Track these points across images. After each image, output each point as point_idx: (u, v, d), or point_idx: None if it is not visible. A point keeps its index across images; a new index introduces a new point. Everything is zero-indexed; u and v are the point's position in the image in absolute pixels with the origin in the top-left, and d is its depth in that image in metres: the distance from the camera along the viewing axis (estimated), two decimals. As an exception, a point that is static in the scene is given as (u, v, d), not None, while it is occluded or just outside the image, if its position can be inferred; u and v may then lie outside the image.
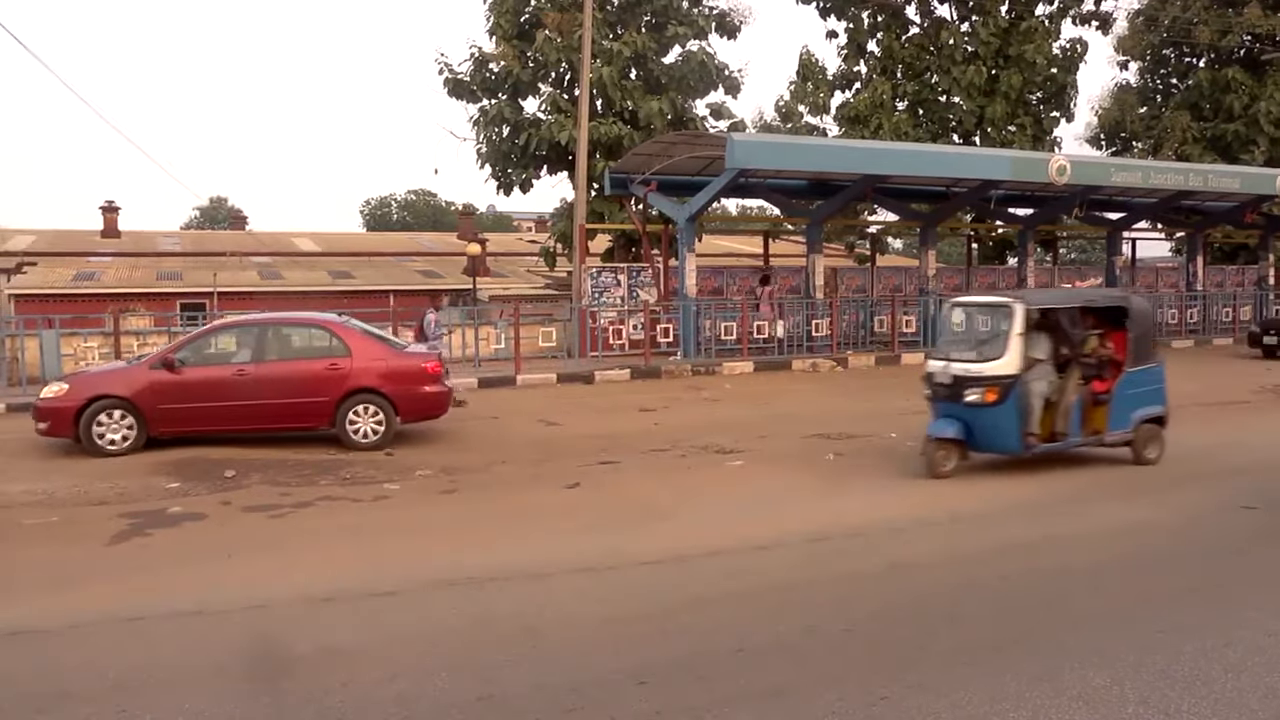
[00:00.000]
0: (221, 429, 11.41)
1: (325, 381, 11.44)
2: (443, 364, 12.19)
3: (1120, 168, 23.23)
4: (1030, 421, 9.36)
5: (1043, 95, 30.08)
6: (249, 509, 8.61)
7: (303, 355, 11.82)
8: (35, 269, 32.75)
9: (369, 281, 35.78)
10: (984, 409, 9.20)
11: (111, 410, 11.00)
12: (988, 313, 9.80)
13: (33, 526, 8.08)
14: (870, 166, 20.54)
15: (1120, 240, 28.05)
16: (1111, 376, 9.84)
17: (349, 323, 12.33)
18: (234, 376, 11.32)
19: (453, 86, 25.57)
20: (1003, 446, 9.53)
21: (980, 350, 9.43)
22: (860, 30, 29.84)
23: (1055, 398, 9.62)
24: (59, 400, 11.08)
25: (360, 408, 11.49)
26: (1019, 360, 9.15)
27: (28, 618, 5.73)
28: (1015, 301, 9.41)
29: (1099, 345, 9.85)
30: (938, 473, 9.36)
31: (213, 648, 5.26)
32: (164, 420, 11.17)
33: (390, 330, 18.47)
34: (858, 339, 22.84)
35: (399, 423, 11.76)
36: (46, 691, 4.68)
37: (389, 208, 77.18)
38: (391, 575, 6.50)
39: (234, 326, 12.27)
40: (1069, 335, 9.73)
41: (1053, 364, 9.69)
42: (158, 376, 11.18)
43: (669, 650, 5.10)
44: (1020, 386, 9.21)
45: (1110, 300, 10.68)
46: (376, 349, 11.96)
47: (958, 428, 9.40)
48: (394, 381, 11.64)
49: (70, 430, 10.99)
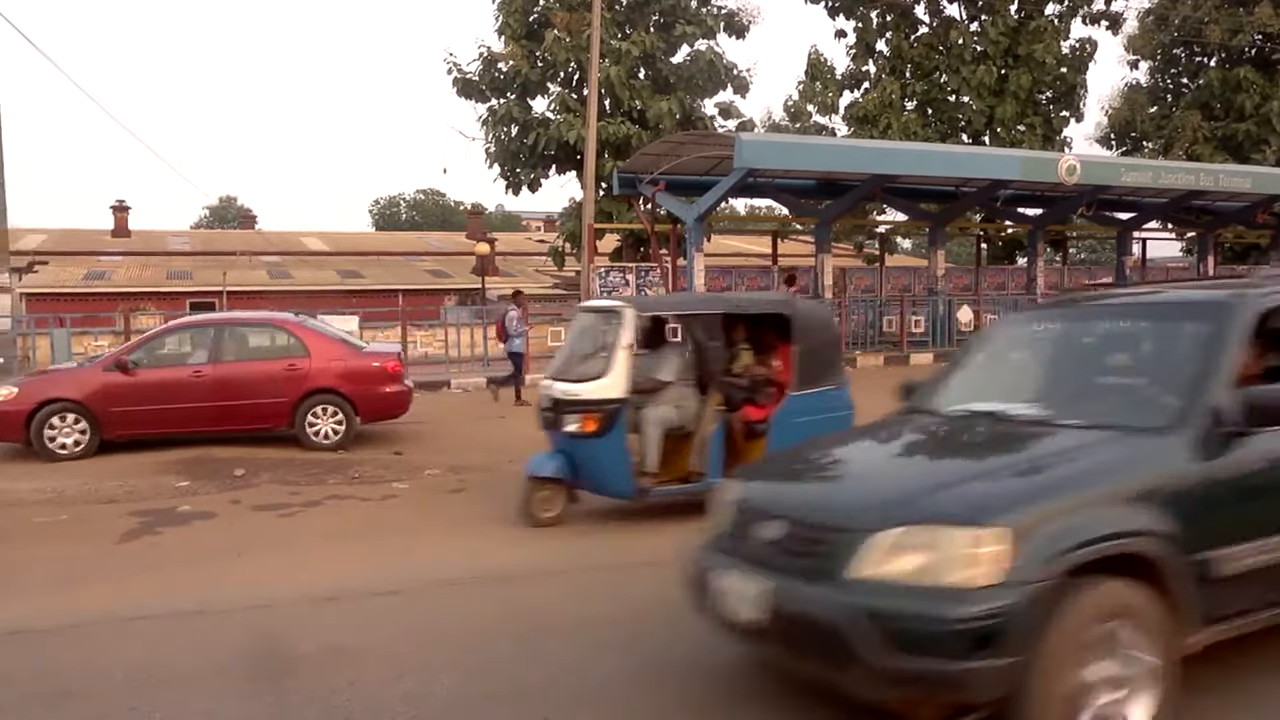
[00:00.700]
0: (177, 431, 11.18)
1: (283, 382, 11.30)
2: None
3: (1130, 168, 23.11)
4: (648, 458, 7.57)
5: (1052, 95, 29.95)
6: (258, 508, 8.64)
7: (260, 356, 11.65)
8: (46, 268, 32.92)
9: (378, 281, 35.91)
10: (584, 441, 7.37)
11: (64, 414, 10.76)
12: (604, 321, 7.82)
13: (42, 524, 8.12)
14: (879, 166, 20.49)
15: (1130, 240, 27.92)
16: (773, 401, 7.90)
17: (306, 322, 12.22)
18: (190, 378, 11.14)
19: (462, 86, 25.61)
20: (611, 489, 7.62)
21: (583, 368, 7.65)
22: (869, 30, 29.77)
23: (691, 428, 7.84)
24: (8, 404, 10.80)
25: (319, 408, 11.38)
26: (624, 381, 7.29)
27: (35, 616, 5.75)
28: (625, 307, 7.55)
29: (754, 363, 8.05)
30: (539, 520, 7.62)
31: (219, 646, 5.26)
32: (118, 423, 10.94)
33: (399, 328, 18.57)
34: (866, 339, 22.79)
35: (359, 423, 11.66)
36: (52, 690, 4.68)
37: (398, 207, 77.36)
38: (398, 574, 6.51)
39: (190, 327, 12.10)
40: (707, 350, 7.67)
41: (693, 386, 7.89)
42: (111, 379, 10.94)
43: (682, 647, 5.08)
44: (631, 413, 7.49)
45: (766, 306, 8.54)
46: (335, 349, 11.82)
47: (559, 463, 7.60)
48: (353, 381, 11.53)
49: (20, 435, 10.73)
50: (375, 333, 19.59)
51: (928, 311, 23.11)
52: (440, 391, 16.85)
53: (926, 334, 22.85)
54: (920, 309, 23.26)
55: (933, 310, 22.98)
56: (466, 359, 19.12)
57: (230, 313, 13.73)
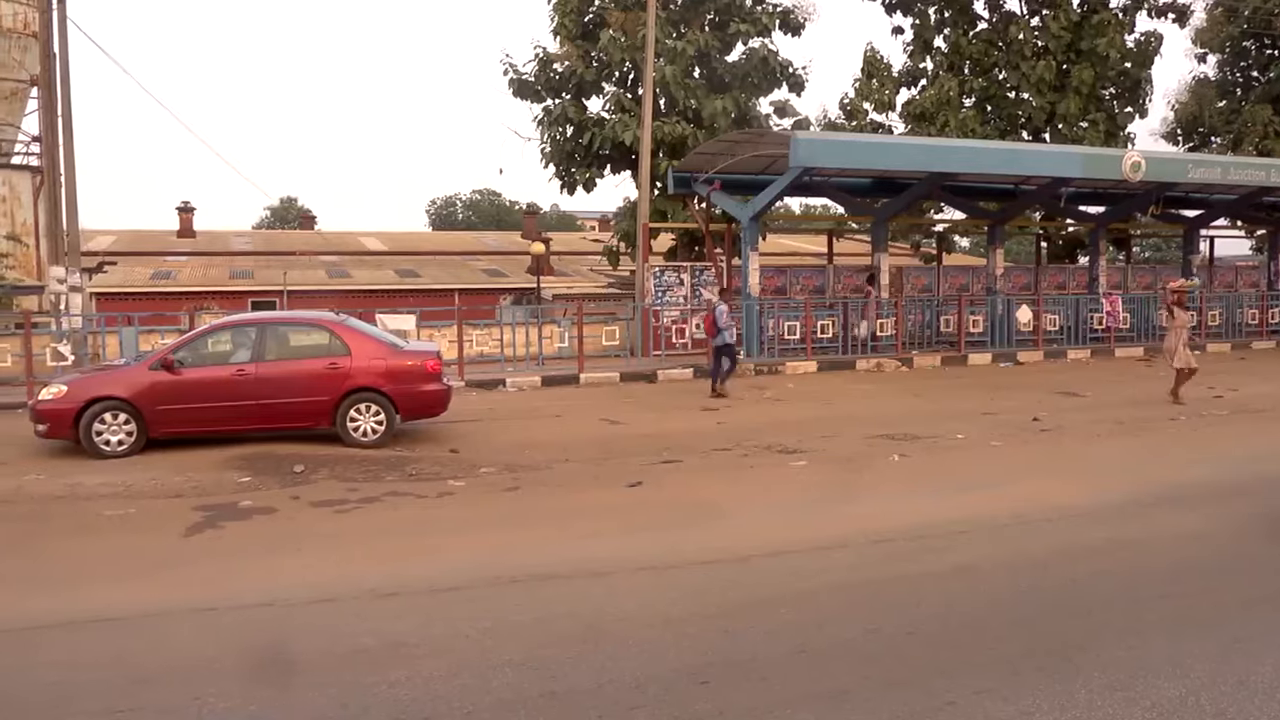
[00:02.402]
0: (222, 429, 11.32)
1: (325, 380, 11.44)
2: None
3: (1198, 163, 22.55)
4: None
5: (1116, 90, 29.31)
6: (317, 504, 8.78)
7: (302, 355, 11.73)
8: (115, 268, 33.81)
9: (434, 280, 36.26)
10: None
11: (113, 412, 10.93)
12: None
13: (112, 517, 8.34)
14: (936, 164, 20.24)
15: (1198, 238, 27.24)
16: None
17: (348, 321, 12.27)
18: (234, 376, 11.26)
19: (517, 87, 25.78)
20: None
21: None
22: (926, 26, 29.42)
23: None
24: (58, 402, 10.94)
25: (361, 406, 11.50)
26: None
27: (110, 605, 5.92)
28: None
29: None
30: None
31: (281, 639, 5.38)
32: (164, 421, 11.08)
33: (455, 327, 18.73)
34: (923, 339, 22.53)
35: (399, 421, 11.78)
36: (127, 677, 4.83)
37: (454, 207, 78.15)
38: (454, 571, 6.58)
39: (232, 326, 12.12)
40: None
41: None
42: (157, 377, 11.08)
43: (730, 651, 5.08)
44: None
45: None
46: (376, 348, 11.91)
47: None
48: (394, 380, 11.63)
49: (70, 432, 10.88)
50: (432, 331, 19.78)
51: (986, 311, 22.79)
52: (495, 390, 16.99)
53: (985, 334, 22.53)
54: (979, 308, 22.93)
55: (991, 310, 22.66)
56: (521, 358, 19.24)
57: (272, 312, 13.87)
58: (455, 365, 17.44)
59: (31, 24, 26.64)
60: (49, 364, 16.28)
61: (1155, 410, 13.81)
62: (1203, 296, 25.45)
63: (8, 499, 9.01)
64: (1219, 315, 25.59)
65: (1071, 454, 10.97)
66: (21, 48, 28.43)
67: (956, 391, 16.41)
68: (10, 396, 15.10)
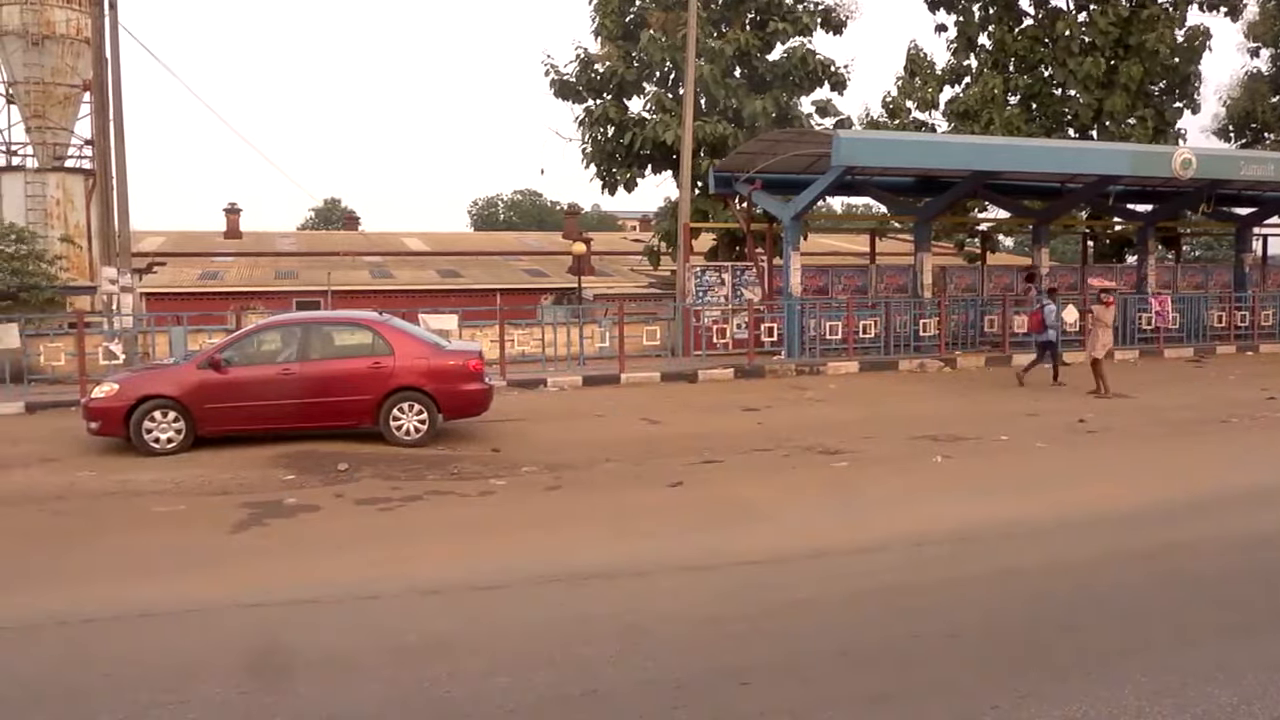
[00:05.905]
0: (267, 427, 11.45)
1: (369, 380, 11.55)
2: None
3: (1250, 160, 22.09)
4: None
5: (1165, 86, 28.82)
6: (360, 501, 8.87)
7: (346, 354, 11.84)
8: (164, 268, 34.45)
9: (476, 280, 36.48)
10: None
11: (161, 410, 11.10)
12: None
13: (162, 514, 8.49)
14: (980, 162, 20.03)
15: (1250, 236, 26.71)
16: None
17: (391, 321, 12.34)
18: (279, 375, 11.41)
19: (559, 87, 25.89)
20: None
21: None
22: (970, 23, 29.10)
23: None
24: (109, 400, 11.14)
25: (404, 405, 11.58)
26: None
27: (159, 600, 6.02)
28: None
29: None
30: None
31: (327, 634, 5.45)
32: (211, 419, 11.25)
33: (497, 326, 18.84)
34: (967, 339, 22.30)
35: (442, 420, 11.87)
36: (175, 669, 4.91)
37: (496, 207, 78.58)
38: (495, 569, 6.61)
39: (278, 326, 12.19)
40: None
41: None
42: (205, 376, 11.25)
43: (771, 651, 5.07)
44: None
45: None
46: (419, 347, 11.99)
47: None
48: (436, 379, 11.71)
49: (121, 430, 11.07)
50: (474, 331, 19.89)
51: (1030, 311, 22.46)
52: (537, 390, 17.06)
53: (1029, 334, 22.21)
54: (1023, 308, 22.63)
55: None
56: (562, 358, 19.31)
57: (316, 312, 13.99)
58: (497, 365, 17.53)
59: (84, 30, 27.23)
60: (101, 363, 16.60)
61: (1206, 412, 13.55)
62: (1255, 297, 24.96)
63: (62, 495, 9.20)
64: (1271, 315, 25.05)
65: (1119, 456, 10.81)
66: (74, 53, 29.06)
67: (1001, 392, 16.22)
68: (64, 395, 15.43)
